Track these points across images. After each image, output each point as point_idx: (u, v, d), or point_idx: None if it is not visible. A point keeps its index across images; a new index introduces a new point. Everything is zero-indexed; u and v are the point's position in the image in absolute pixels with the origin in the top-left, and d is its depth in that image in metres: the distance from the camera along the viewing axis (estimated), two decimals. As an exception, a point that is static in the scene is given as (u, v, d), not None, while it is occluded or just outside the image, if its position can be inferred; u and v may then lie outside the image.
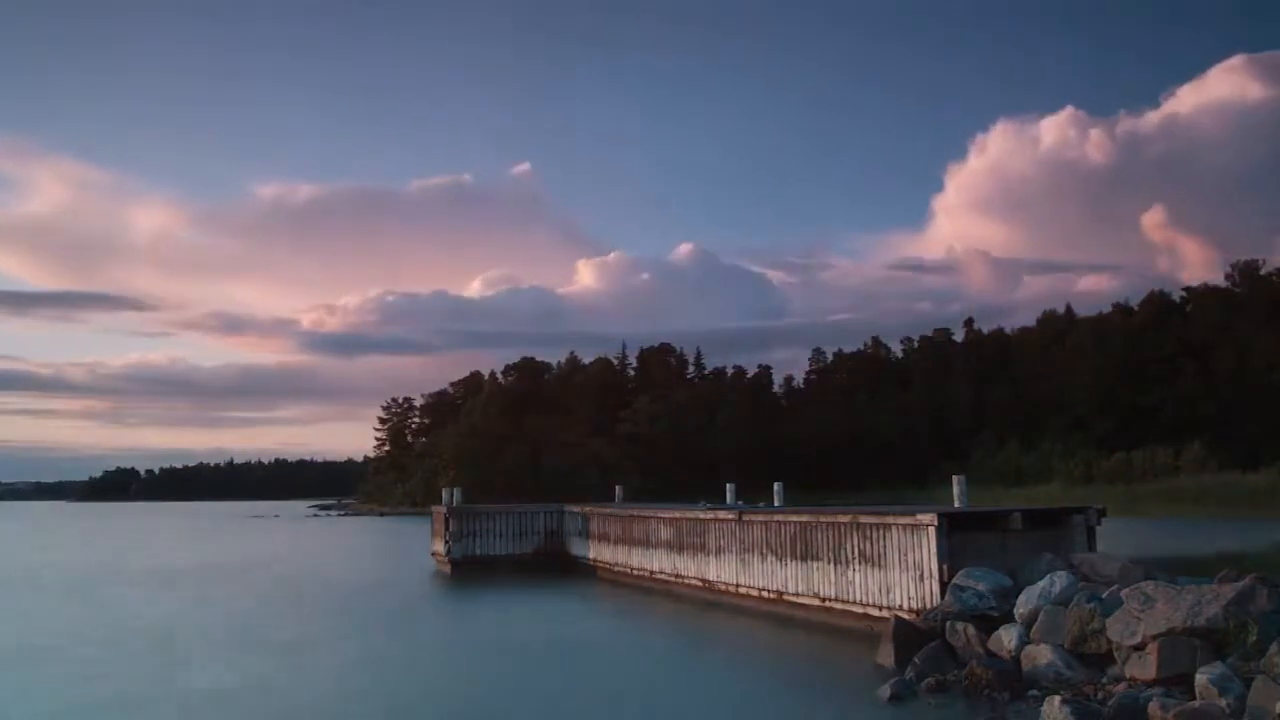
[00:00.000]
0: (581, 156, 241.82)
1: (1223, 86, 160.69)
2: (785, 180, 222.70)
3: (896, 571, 14.97)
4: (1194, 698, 9.39)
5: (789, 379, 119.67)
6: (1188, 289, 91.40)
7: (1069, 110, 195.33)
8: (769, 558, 18.45)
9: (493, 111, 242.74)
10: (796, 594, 17.50)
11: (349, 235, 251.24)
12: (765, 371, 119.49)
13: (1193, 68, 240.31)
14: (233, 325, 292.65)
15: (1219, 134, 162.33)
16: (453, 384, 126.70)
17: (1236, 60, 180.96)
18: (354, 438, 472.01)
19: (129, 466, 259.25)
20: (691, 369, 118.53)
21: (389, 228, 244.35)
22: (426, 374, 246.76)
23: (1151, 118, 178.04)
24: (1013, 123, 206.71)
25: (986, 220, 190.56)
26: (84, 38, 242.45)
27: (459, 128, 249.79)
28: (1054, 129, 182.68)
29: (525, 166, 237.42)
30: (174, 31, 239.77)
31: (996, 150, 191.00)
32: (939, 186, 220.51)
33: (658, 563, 23.35)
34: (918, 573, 14.49)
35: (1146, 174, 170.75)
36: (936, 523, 14.24)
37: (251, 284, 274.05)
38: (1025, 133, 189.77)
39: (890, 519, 15.30)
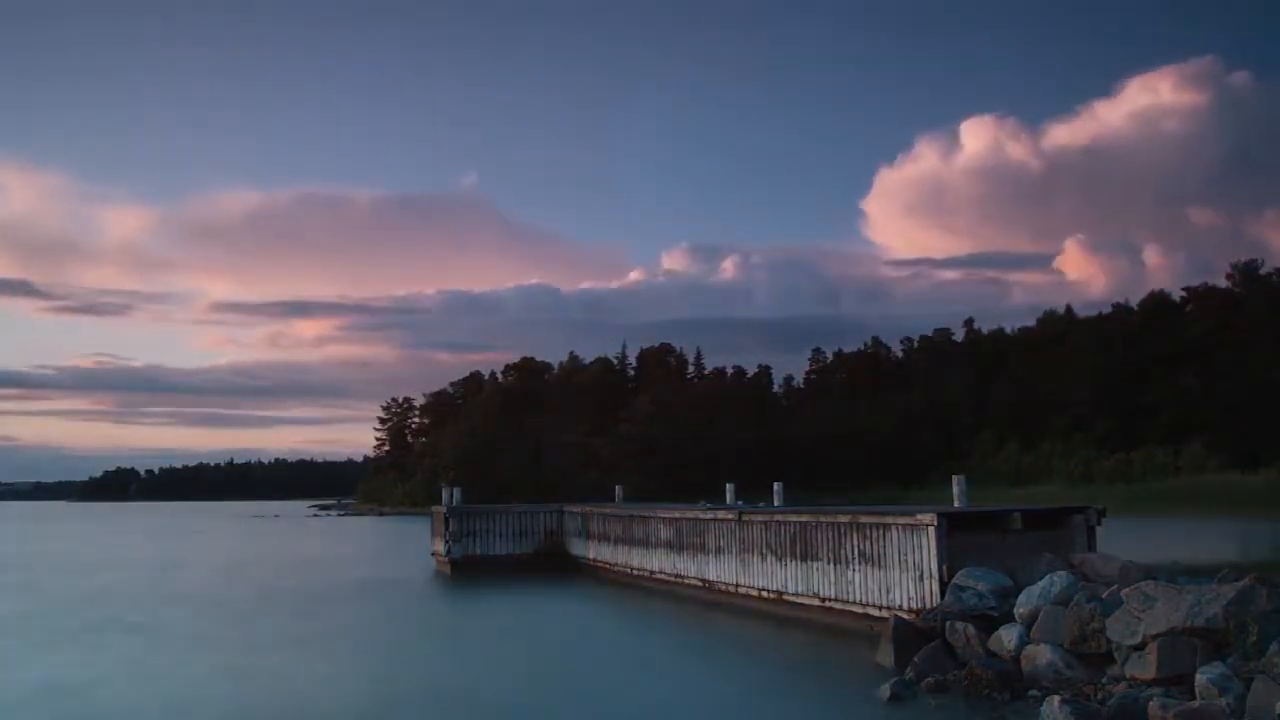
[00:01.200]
0: (561, 162, 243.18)
1: (1145, 95, 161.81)
2: (775, 181, 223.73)
3: (896, 571, 14.95)
4: (1194, 698, 9.38)
5: (789, 379, 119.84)
6: (1188, 289, 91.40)
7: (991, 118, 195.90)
8: (769, 558, 18.43)
9: (447, 121, 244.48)
10: (796, 594, 17.48)
11: (346, 236, 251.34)
12: (765, 371, 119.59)
13: (1116, 76, 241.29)
14: (234, 325, 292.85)
15: (1142, 140, 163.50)
16: (453, 384, 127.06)
17: (1160, 70, 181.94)
18: (354, 438, 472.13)
19: (129, 466, 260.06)
20: (691, 369, 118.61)
21: (382, 228, 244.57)
22: (426, 374, 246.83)
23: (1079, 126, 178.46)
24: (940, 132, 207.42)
25: (922, 224, 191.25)
26: (59, 47, 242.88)
27: (441, 130, 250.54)
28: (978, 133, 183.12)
29: (473, 178, 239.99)
30: (144, 41, 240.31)
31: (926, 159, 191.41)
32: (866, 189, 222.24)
33: (658, 563, 23.33)
34: (917, 573, 14.48)
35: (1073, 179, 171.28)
36: (936, 523, 14.23)
37: (253, 284, 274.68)
38: (950, 139, 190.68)
39: (890, 519, 15.29)
